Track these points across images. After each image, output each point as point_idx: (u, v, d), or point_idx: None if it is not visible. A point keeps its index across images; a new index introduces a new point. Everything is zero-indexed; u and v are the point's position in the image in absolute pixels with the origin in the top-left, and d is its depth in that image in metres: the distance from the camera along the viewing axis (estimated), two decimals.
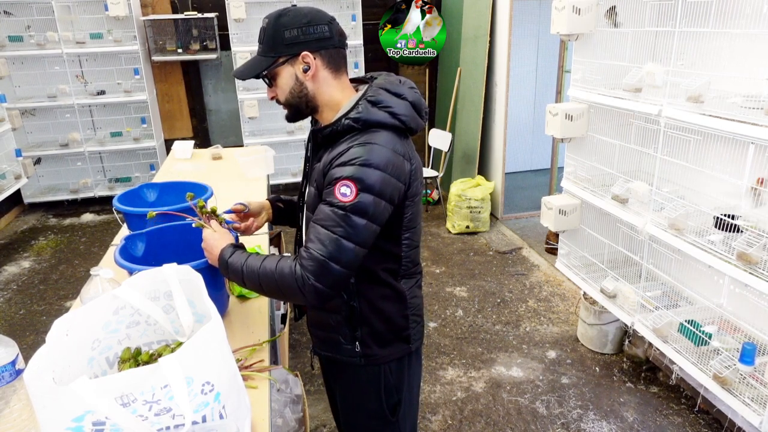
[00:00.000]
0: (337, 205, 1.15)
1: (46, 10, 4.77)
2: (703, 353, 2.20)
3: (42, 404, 0.77)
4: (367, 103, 1.22)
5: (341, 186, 1.15)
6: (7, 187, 4.40)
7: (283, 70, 1.24)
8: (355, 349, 1.38)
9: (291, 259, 1.20)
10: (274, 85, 1.27)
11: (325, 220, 1.16)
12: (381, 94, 1.23)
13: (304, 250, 1.17)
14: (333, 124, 1.23)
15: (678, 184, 2.42)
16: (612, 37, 2.59)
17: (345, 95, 1.28)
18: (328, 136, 1.25)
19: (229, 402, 0.93)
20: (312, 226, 1.19)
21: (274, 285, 1.20)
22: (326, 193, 1.18)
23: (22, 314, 3.48)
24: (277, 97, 1.29)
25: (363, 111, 1.21)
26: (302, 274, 1.16)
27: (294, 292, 1.18)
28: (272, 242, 3.57)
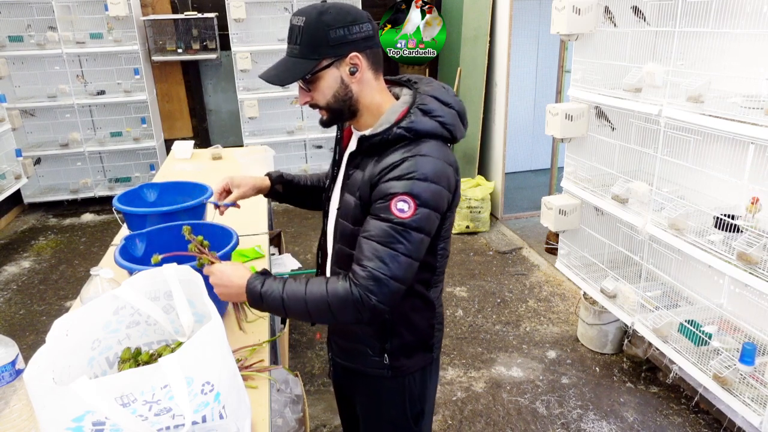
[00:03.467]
0: (394, 221, 1.10)
1: (46, 9, 4.77)
2: (703, 353, 2.20)
3: (42, 404, 0.77)
4: (419, 111, 1.16)
5: (398, 201, 1.10)
6: (7, 187, 4.40)
7: (327, 72, 1.15)
8: (384, 361, 1.33)
9: (342, 279, 1.14)
10: (312, 89, 1.18)
11: (383, 237, 1.11)
12: (431, 103, 1.18)
13: (361, 269, 1.11)
14: (384, 132, 1.15)
15: (678, 184, 2.42)
16: (612, 37, 2.59)
17: (384, 98, 1.23)
18: (376, 144, 1.17)
19: (229, 402, 0.93)
20: (365, 242, 1.13)
21: (326, 309, 1.13)
22: (379, 208, 1.12)
23: (22, 314, 3.48)
24: (315, 101, 1.19)
25: (416, 120, 1.15)
26: (362, 295, 1.10)
27: (351, 314, 1.13)
28: (272, 242, 3.57)
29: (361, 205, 1.18)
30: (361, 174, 1.19)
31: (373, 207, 1.14)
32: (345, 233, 1.24)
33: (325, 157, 5.62)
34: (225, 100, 5.62)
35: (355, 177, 1.21)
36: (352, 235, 1.21)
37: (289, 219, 5.00)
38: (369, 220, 1.14)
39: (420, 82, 1.26)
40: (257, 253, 1.99)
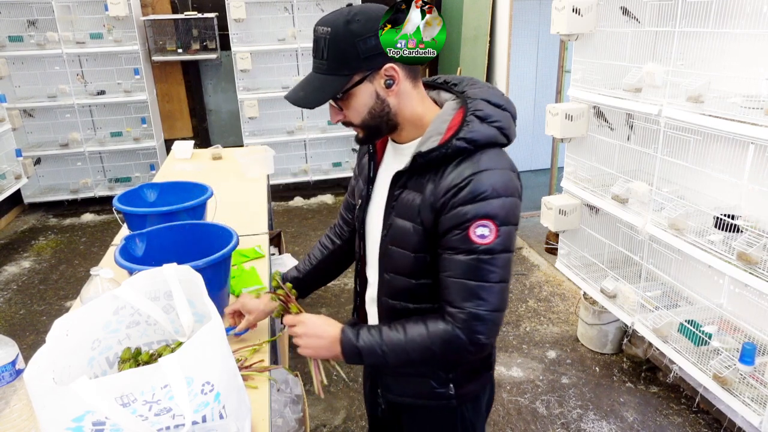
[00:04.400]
0: (479, 250, 1.01)
1: (46, 9, 4.77)
2: (703, 353, 2.20)
3: (42, 404, 0.77)
4: (476, 119, 1.04)
5: (477, 228, 1.00)
6: (7, 187, 4.40)
7: (360, 89, 1.03)
8: (449, 391, 1.23)
9: (442, 321, 1.05)
10: (345, 107, 1.06)
11: (471, 272, 1.02)
12: (486, 107, 1.06)
13: (459, 311, 1.03)
14: (443, 147, 1.02)
15: (678, 184, 2.42)
16: (612, 37, 2.59)
17: (426, 108, 1.10)
18: (434, 160, 1.04)
19: (229, 402, 0.93)
20: (452, 282, 1.04)
21: (430, 356, 1.06)
22: (457, 239, 1.02)
23: (22, 314, 3.48)
24: (349, 119, 1.07)
25: (475, 130, 1.03)
26: (469, 336, 1.04)
27: (458, 355, 1.06)
28: (272, 242, 3.57)
29: (424, 231, 1.07)
30: (417, 196, 1.07)
31: (447, 239, 1.03)
32: (401, 262, 1.13)
33: (325, 157, 5.62)
34: (225, 100, 5.62)
35: (407, 199, 1.09)
36: (412, 264, 1.11)
37: (289, 219, 5.00)
38: (449, 258, 1.04)
39: (461, 83, 1.14)
40: (257, 253, 1.99)
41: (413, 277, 1.13)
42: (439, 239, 1.06)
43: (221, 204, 2.09)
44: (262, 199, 2.60)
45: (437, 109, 1.11)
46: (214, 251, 1.38)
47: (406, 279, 1.14)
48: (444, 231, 1.04)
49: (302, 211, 5.20)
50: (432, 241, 1.08)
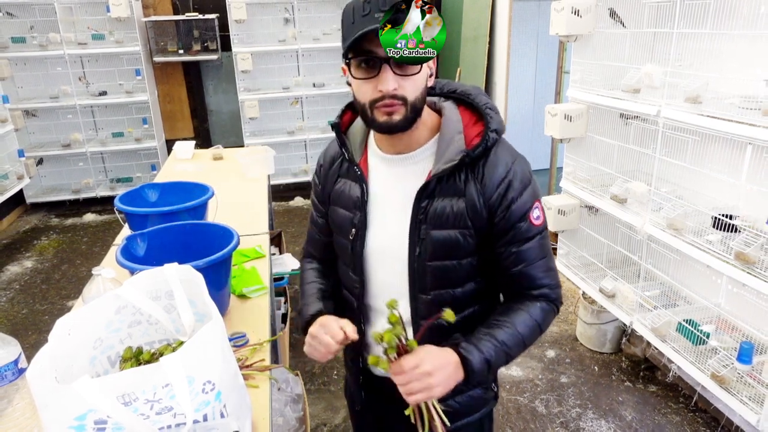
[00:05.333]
0: (539, 231, 1.05)
1: (49, 11, 4.79)
2: (701, 352, 2.21)
3: (44, 403, 0.78)
4: (490, 110, 1.05)
5: (533, 213, 1.04)
6: (9, 188, 4.42)
7: (426, 65, 1.00)
8: (492, 388, 1.24)
9: (534, 301, 1.07)
10: (408, 78, 0.96)
11: (541, 251, 1.06)
12: (489, 100, 1.07)
13: (548, 290, 1.08)
14: (483, 140, 1.01)
15: (676, 185, 2.43)
16: (611, 38, 2.60)
17: (427, 110, 1.06)
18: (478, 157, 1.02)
19: (230, 401, 0.94)
20: (531, 268, 1.06)
21: (537, 336, 1.09)
22: (522, 230, 1.03)
23: (24, 314, 3.49)
24: (405, 93, 0.96)
25: (497, 120, 1.04)
26: (558, 305, 1.10)
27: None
28: (273, 242, 3.58)
29: (476, 234, 1.04)
30: (456, 201, 1.03)
31: (512, 233, 1.04)
32: (447, 274, 1.08)
33: None
34: (226, 100, 5.63)
35: (442, 207, 1.04)
36: (460, 272, 1.08)
37: (290, 219, 5.01)
38: (519, 250, 1.05)
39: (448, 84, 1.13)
40: (258, 253, 2.00)
41: (459, 285, 1.10)
42: (500, 236, 1.05)
43: (222, 204, 2.10)
44: (262, 199, 2.61)
45: (432, 112, 1.09)
46: (215, 251, 1.39)
47: (451, 291, 1.09)
48: (508, 227, 1.03)
49: (302, 211, 5.21)
50: (484, 241, 1.06)
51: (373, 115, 0.99)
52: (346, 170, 1.15)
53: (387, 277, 1.13)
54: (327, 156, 1.21)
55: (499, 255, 1.07)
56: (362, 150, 1.14)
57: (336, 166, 1.18)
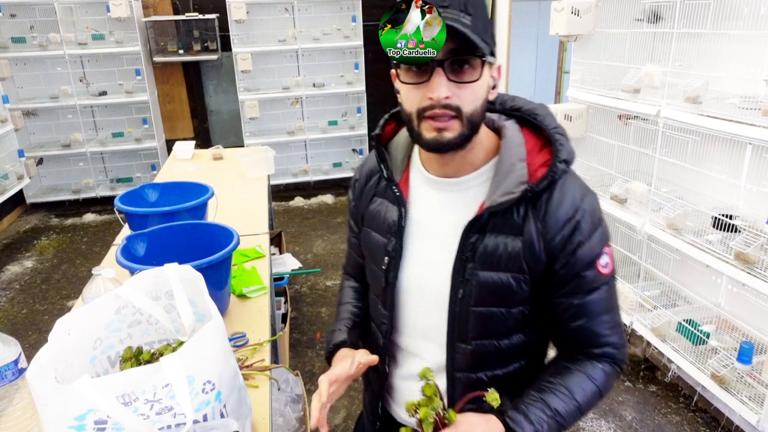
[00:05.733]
0: (607, 281, 0.91)
1: (49, 11, 4.79)
2: (701, 352, 2.21)
3: (44, 403, 0.78)
4: (561, 136, 0.90)
5: (601, 259, 0.90)
6: (9, 188, 4.42)
7: (486, 70, 0.84)
8: None
9: (595, 362, 0.93)
10: (464, 86, 0.82)
11: (607, 304, 0.92)
12: (559, 124, 0.92)
13: (612, 349, 0.93)
14: (549, 172, 0.86)
15: (676, 185, 2.43)
16: (610, 38, 2.60)
17: (484, 128, 0.91)
18: (542, 191, 0.87)
19: (230, 401, 0.94)
20: (594, 325, 0.92)
21: (597, 402, 0.95)
22: (588, 279, 0.89)
23: (24, 313, 3.49)
24: (460, 102, 0.82)
25: (569, 148, 0.89)
26: (621, 367, 0.96)
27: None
28: (273, 242, 3.58)
29: (531, 280, 0.90)
30: (511, 240, 0.88)
31: (575, 282, 0.90)
32: (492, 323, 0.93)
33: (325, 157, 5.62)
34: (226, 100, 5.63)
35: (494, 245, 0.89)
36: (508, 322, 0.94)
37: (290, 219, 5.01)
38: (582, 302, 0.90)
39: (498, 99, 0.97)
40: (258, 253, 2.00)
41: (506, 336, 0.95)
42: (560, 285, 0.91)
43: (222, 204, 2.10)
44: (262, 199, 2.61)
45: (489, 131, 0.94)
46: (215, 251, 1.39)
47: (496, 342, 0.95)
48: (570, 275, 0.89)
49: (302, 211, 5.21)
50: (539, 289, 0.91)
51: (420, 128, 0.85)
52: (383, 189, 1.01)
53: (421, 318, 0.99)
54: (364, 170, 1.07)
55: (556, 306, 0.93)
56: (404, 167, 1.00)
57: (372, 183, 1.04)
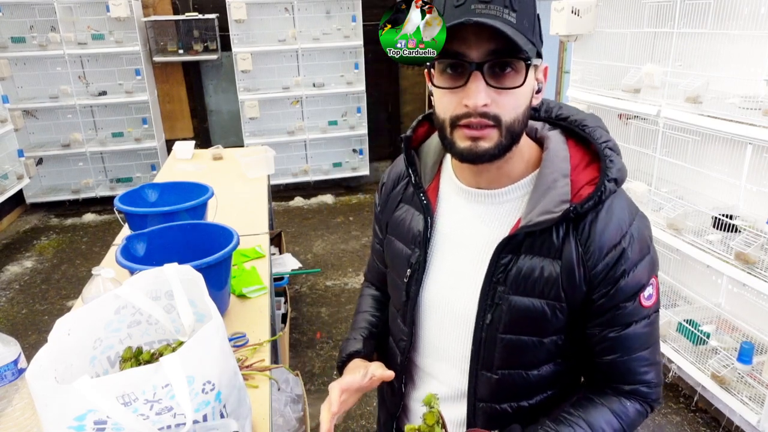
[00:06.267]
0: (647, 315, 0.83)
1: (49, 11, 4.79)
2: (702, 352, 2.21)
3: (44, 403, 0.77)
4: (612, 151, 0.80)
5: (645, 291, 0.81)
6: (9, 188, 4.41)
7: (531, 73, 0.76)
8: None
9: (623, 399, 0.86)
10: (510, 91, 0.74)
11: (647, 340, 0.84)
12: (610, 137, 0.83)
13: (646, 387, 0.86)
14: (596, 192, 0.77)
15: (676, 184, 2.43)
16: (611, 38, 2.60)
17: (525, 138, 0.83)
18: (586, 212, 0.79)
19: (230, 401, 0.94)
20: (630, 359, 0.84)
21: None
22: (628, 312, 0.81)
23: (24, 314, 3.49)
24: (500, 111, 0.74)
25: (621, 166, 0.80)
26: (652, 407, 0.89)
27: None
28: (273, 242, 3.58)
29: (568, 308, 0.81)
30: (548, 263, 0.80)
31: (615, 314, 0.81)
32: (521, 353, 0.85)
33: (325, 157, 5.62)
34: (226, 100, 5.63)
35: (529, 268, 0.81)
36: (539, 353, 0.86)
37: (290, 219, 5.01)
38: (618, 335, 0.82)
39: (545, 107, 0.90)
40: (258, 253, 2.00)
41: (535, 366, 0.87)
42: (596, 315, 0.82)
43: (222, 204, 2.10)
44: (262, 199, 2.61)
45: (531, 141, 0.86)
46: (214, 251, 1.39)
47: (524, 372, 0.86)
48: (609, 306, 0.81)
49: (302, 211, 5.21)
50: (576, 318, 0.83)
51: (453, 136, 0.77)
52: (410, 196, 0.94)
53: (443, 340, 0.91)
54: (391, 174, 1.00)
55: (590, 338, 0.85)
56: (434, 174, 0.93)
57: (400, 189, 0.97)
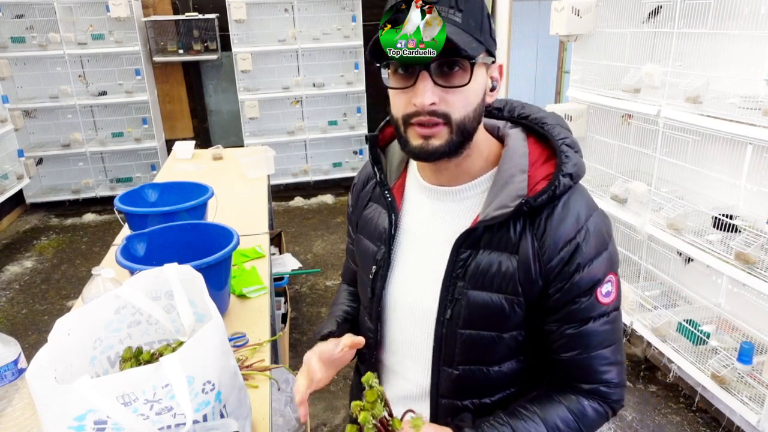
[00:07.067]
0: (606, 312, 0.83)
1: (49, 11, 4.78)
2: (702, 352, 2.21)
3: (44, 403, 0.77)
4: (569, 148, 0.82)
5: (603, 287, 0.82)
6: (9, 188, 4.41)
7: (480, 72, 0.77)
8: None
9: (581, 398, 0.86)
10: (453, 90, 0.76)
11: (606, 338, 0.84)
12: (569, 135, 0.84)
13: (605, 387, 0.85)
14: (550, 186, 0.79)
15: (676, 184, 2.43)
16: (611, 37, 2.60)
17: (486, 136, 0.86)
18: (540, 206, 0.80)
19: (230, 401, 0.94)
20: (588, 359, 0.84)
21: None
22: (584, 308, 0.81)
23: (24, 314, 3.49)
24: (449, 108, 0.76)
25: (576, 161, 0.81)
26: (613, 408, 0.88)
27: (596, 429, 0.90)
28: (273, 242, 3.58)
29: (525, 303, 0.82)
30: (505, 258, 0.81)
31: (570, 310, 0.82)
32: (482, 349, 0.86)
33: (325, 157, 5.62)
34: (226, 100, 5.63)
35: (487, 263, 0.82)
36: (499, 348, 0.86)
37: (290, 219, 5.01)
38: (576, 332, 0.83)
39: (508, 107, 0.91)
40: (258, 253, 2.00)
41: (496, 362, 0.87)
42: (553, 311, 0.83)
43: (222, 204, 2.10)
44: (262, 199, 2.61)
45: (493, 139, 0.88)
46: (214, 251, 1.39)
47: (485, 368, 0.87)
48: (565, 301, 0.82)
49: (302, 211, 5.21)
50: (533, 312, 0.84)
51: (407, 134, 0.79)
52: (378, 195, 0.95)
53: (407, 336, 0.93)
54: (362, 174, 1.03)
55: (549, 333, 0.85)
56: (400, 172, 0.95)
57: (369, 188, 0.99)
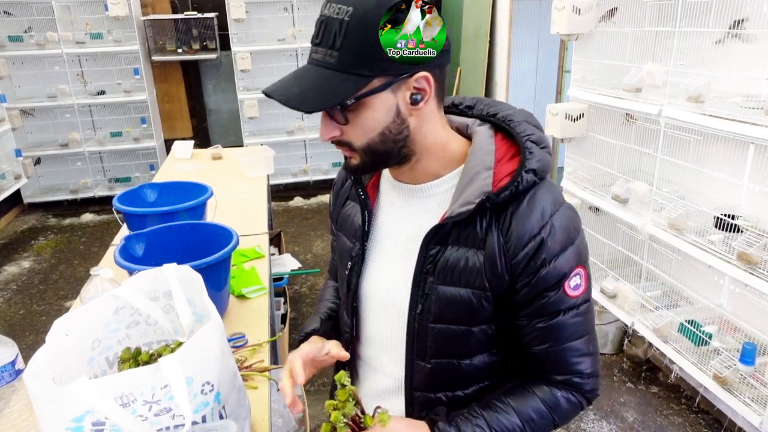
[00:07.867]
0: (575, 305, 0.84)
1: (46, 10, 4.77)
2: (704, 353, 2.20)
3: (42, 404, 0.77)
4: (533, 144, 0.84)
5: (571, 281, 0.83)
6: (6, 187, 4.40)
7: (377, 99, 0.78)
8: None
9: (555, 389, 0.88)
10: (349, 120, 0.79)
11: (576, 330, 0.86)
12: (535, 130, 0.86)
13: (579, 378, 0.88)
14: (513, 182, 0.80)
15: (678, 184, 2.42)
16: (612, 37, 2.59)
17: (450, 135, 0.88)
18: (503, 202, 0.81)
19: (229, 402, 0.93)
20: (560, 351, 0.86)
21: (550, 426, 0.89)
22: (553, 302, 0.83)
23: (21, 314, 3.48)
24: (349, 139, 0.81)
25: (540, 158, 0.82)
26: (587, 398, 0.90)
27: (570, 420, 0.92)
28: (272, 242, 3.57)
29: (492, 297, 0.84)
30: (472, 253, 0.83)
31: (538, 305, 0.84)
32: (453, 342, 0.88)
33: (325, 157, 5.61)
34: (225, 100, 5.62)
35: (455, 258, 0.84)
36: (470, 342, 0.88)
37: (289, 219, 5.00)
38: (545, 326, 0.84)
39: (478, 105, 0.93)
40: (257, 253, 1.99)
41: (467, 356, 0.89)
42: (522, 306, 0.85)
43: (221, 204, 2.09)
44: (262, 199, 2.60)
45: (460, 138, 0.89)
46: (214, 251, 1.38)
47: (456, 362, 0.89)
48: (533, 295, 0.83)
49: (302, 211, 5.20)
50: (501, 306, 0.86)
51: None
52: (355, 192, 0.98)
53: (382, 329, 0.96)
54: (341, 173, 1.06)
55: (520, 328, 0.87)
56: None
57: (347, 187, 1.02)
